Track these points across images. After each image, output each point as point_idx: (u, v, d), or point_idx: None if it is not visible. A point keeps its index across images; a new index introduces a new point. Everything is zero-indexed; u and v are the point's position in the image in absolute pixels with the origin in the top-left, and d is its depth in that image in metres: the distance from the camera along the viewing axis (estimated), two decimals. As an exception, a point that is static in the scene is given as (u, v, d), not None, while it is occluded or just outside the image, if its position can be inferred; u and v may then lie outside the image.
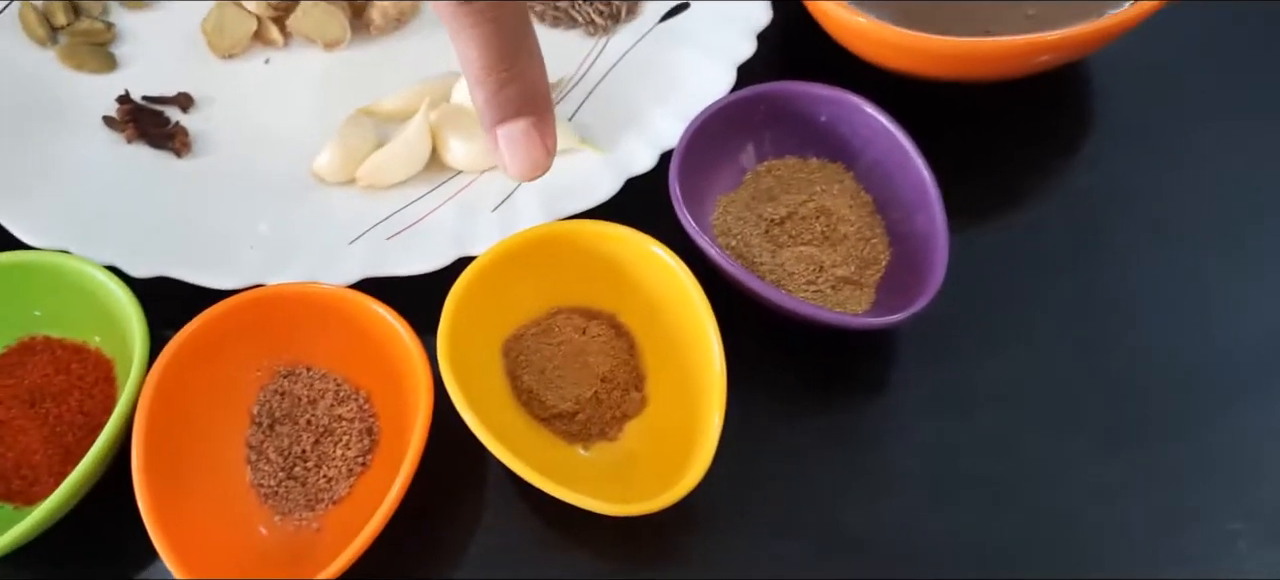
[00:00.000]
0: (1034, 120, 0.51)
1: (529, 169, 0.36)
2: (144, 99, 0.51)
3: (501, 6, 0.34)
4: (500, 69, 0.34)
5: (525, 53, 0.35)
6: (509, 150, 0.35)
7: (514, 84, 0.35)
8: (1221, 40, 0.54)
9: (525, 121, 0.35)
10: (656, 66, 0.51)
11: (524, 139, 0.35)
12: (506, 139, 0.35)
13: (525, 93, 0.35)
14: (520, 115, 0.35)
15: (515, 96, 0.35)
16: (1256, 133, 0.51)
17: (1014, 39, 0.45)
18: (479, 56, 0.34)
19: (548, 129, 0.36)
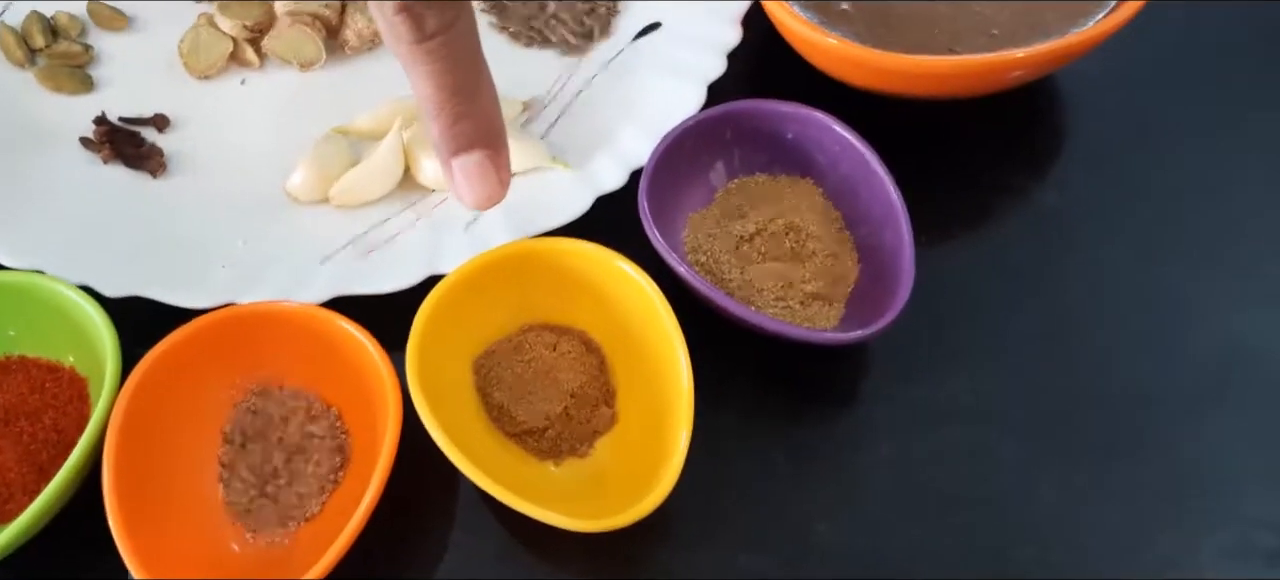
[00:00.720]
0: (1003, 136, 0.52)
1: (484, 199, 0.37)
2: (121, 120, 0.51)
3: (455, 44, 0.34)
4: (454, 104, 0.35)
5: (479, 88, 0.36)
6: (464, 181, 0.36)
7: (468, 118, 0.36)
8: (1189, 57, 0.55)
9: (480, 153, 0.36)
10: (628, 85, 0.51)
11: (478, 170, 0.36)
12: (461, 170, 0.36)
13: (479, 126, 0.36)
14: (474, 147, 0.36)
15: (469, 130, 0.36)
16: (1223, 148, 0.52)
17: (977, 57, 0.46)
18: (434, 92, 0.35)
19: (502, 161, 0.37)
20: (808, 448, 0.45)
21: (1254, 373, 0.45)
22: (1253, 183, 0.51)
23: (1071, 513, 0.42)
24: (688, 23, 0.53)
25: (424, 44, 0.34)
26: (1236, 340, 0.46)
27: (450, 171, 0.37)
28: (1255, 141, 0.52)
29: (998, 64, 0.46)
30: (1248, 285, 0.48)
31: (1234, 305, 0.47)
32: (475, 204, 0.37)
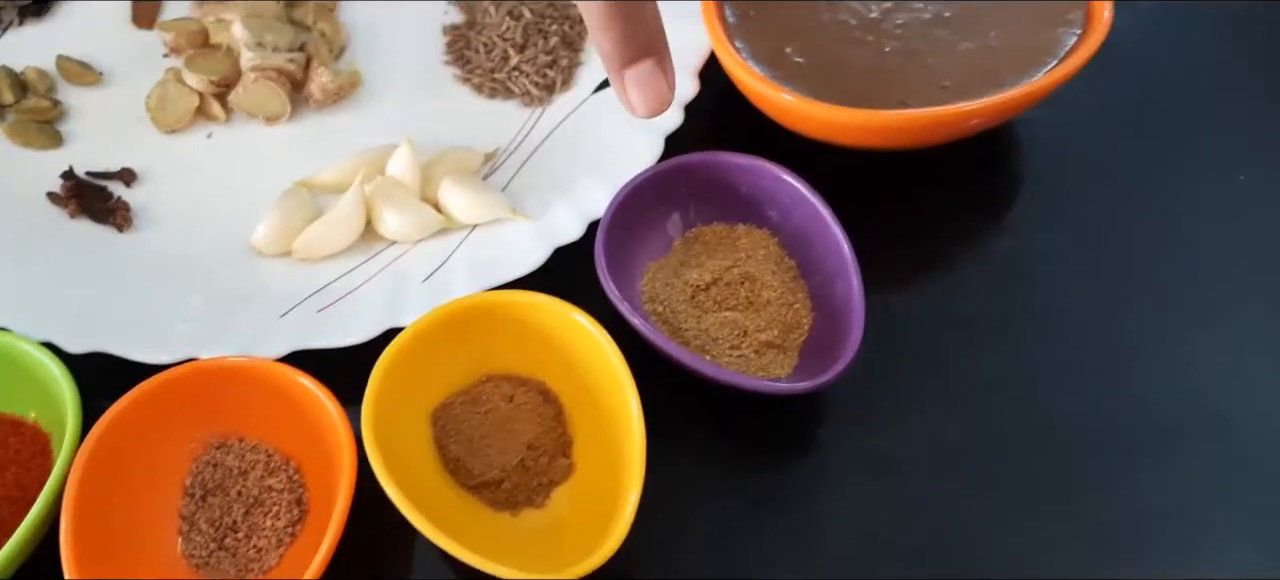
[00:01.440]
0: (958, 183, 0.52)
1: (656, 104, 0.39)
2: (88, 174, 0.52)
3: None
4: (622, 16, 0.37)
5: (644, 3, 0.38)
6: (636, 89, 0.39)
7: (637, 27, 0.38)
8: (1143, 103, 0.55)
9: (649, 61, 0.38)
10: (588, 137, 0.52)
11: (650, 78, 0.39)
12: (634, 79, 0.38)
13: (647, 36, 0.38)
14: (645, 55, 0.38)
15: (640, 39, 0.38)
16: (1178, 194, 0.52)
17: (927, 111, 0.47)
18: (603, 7, 0.37)
19: (668, 66, 0.39)
20: (764, 495, 0.45)
21: (1211, 418, 0.46)
22: (1208, 227, 0.51)
23: (1028, 558, 0.43)
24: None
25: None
26: (1193, 386, 0.47)
27: (622, 83, 0.39)
28: (1210, 187, 0.53)
29: (948, 117, 0.47)
30: (1203, 331, 0.48)
31: (1190, 351, 0.48)
32: (647, 111, 0.39)
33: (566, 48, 0.55)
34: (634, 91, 0.39)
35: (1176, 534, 0.43)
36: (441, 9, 0.58)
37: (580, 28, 0.56)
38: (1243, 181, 0.53)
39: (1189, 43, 0.57)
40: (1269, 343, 0.48)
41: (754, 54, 0.50)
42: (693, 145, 0.51)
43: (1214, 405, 0.46)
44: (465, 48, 0.56)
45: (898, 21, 0.50)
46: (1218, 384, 0.47)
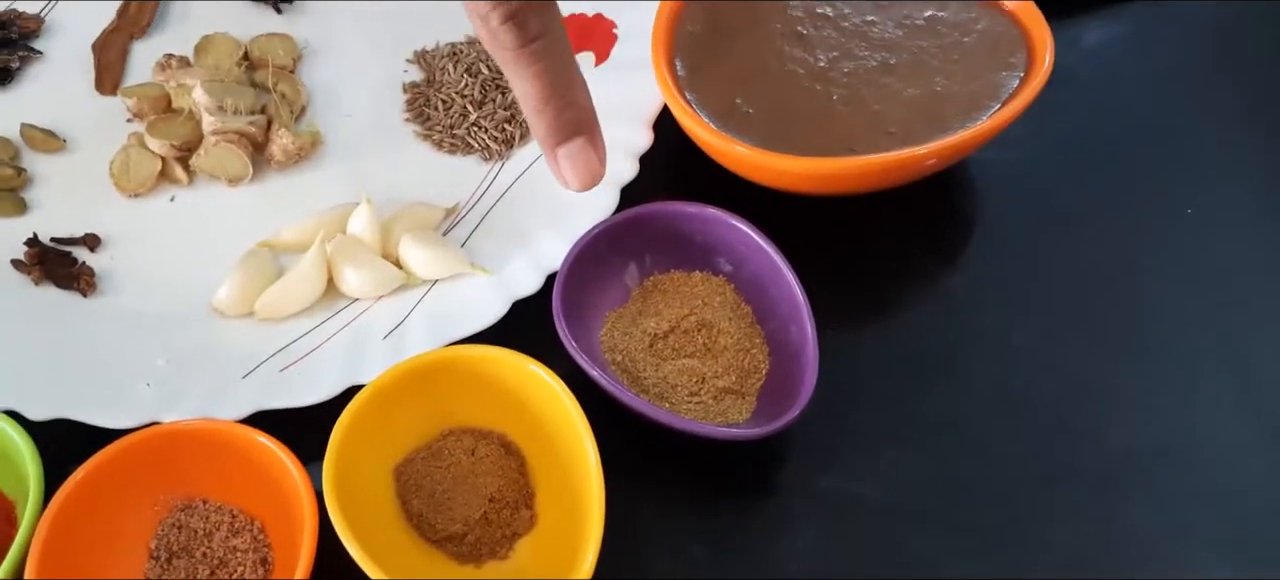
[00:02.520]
0: (909, 224, 0.53)
1: (588, 180, 0.42)
2: (52, 240, 0.53)
3: (555, 44, 0.39)
4: (555, 99, 0.40)
5: (574, 84, 0.41)
6: (569, 167, 0.42)
7: (570, 109, 0.41)
8: (1088, 139, 0.57)
9: (580, 139, 0.41)
10: (546, 190, 0.53)
11: (582, 155, 0.42)
12: (567, 157, 0.41)
13: (579, 117, 0.41)
14: (576, 135, 0.41)
15: (571, 121, 0.41)
16: (1126, 229, 0.54)
17: (875, 157, 0.48)
18: (538, 90, 0.40)
19: (598, 144, 0.42)
20: (725, 539, 0.46)
21: (1166, 451, 0.47)
22: (1157, 261, 0.52)
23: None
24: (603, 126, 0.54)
25: (528, 48, 0.39)
26: (1147, 420, 0.48)
27: (556, 161, 0.42)
28: (1158, 221, 0.54)
29: (895, 162, 0.48)
30: (1155, 364, 0.49)
31: (1144, 387, 0.49)
32: (581, 186, 0.42)
33: (525, 102, 0.57)
34: (567, 168, 0.42)
35: (1138, 566, 0.44)
36: (401, 67, 0.59)
37: (538, 82, 0.57)
38: (1190, 215, 0.54)
39: (1133, 81, 0.59)
40: (1220, 373, 0.49)
41: (705, 105, 0.51)
42: (648, 195, 0.52)
43: (1168, 438, 0.47)
44: (425, 105, 0.57)
45: (844, 69, 0.52)
46: (1171, 417, 0.48)
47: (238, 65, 0.57)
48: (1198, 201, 0.55)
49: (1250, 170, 0.56)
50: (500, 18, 0.38)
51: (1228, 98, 0.58)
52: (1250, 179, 0.55)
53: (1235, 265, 0.53)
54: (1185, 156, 0.56)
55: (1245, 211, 0.54)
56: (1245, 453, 0.47)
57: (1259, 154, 0.56)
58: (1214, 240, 0.53)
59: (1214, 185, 0.55)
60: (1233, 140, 0.57)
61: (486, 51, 0.57)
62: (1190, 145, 0.57)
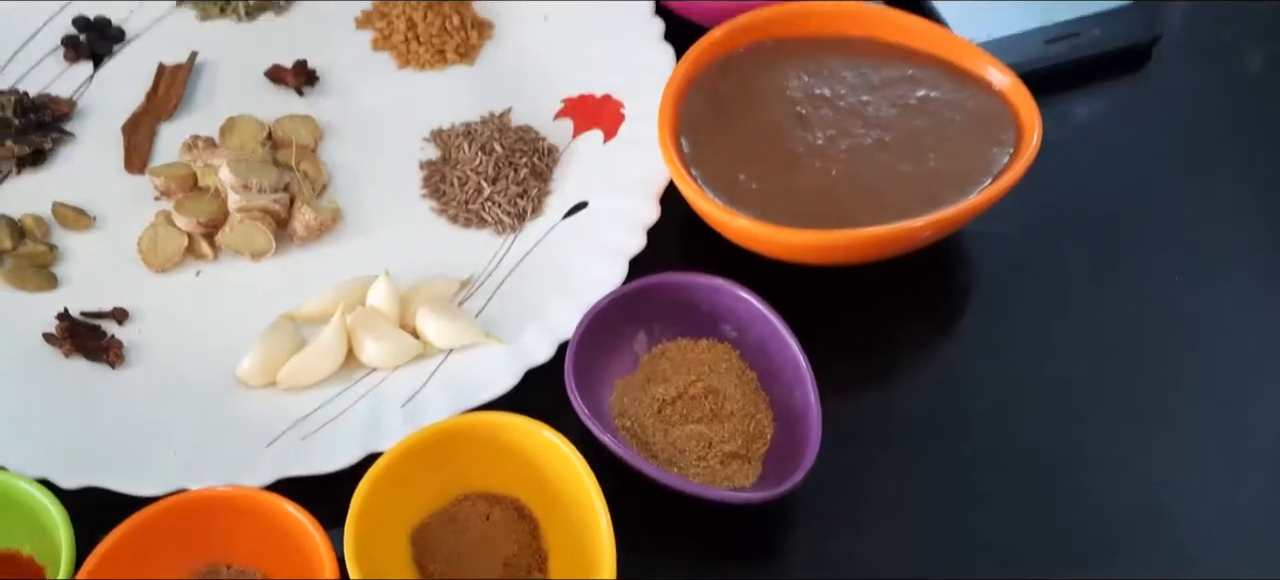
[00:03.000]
0: (906, 295, 0.55)
1: None
2: (82, 314, 0.55)
3: None
4: None
5: None
6: None
7: None
8: (1078, 209, 0.59)
9: None
10: (557, 261, 0.55)
11: None
12: None
13: None
14: None
15: None
16: (1117, 297, 0.56)
17: (872, 230, 0.50)
18: None
19: None
20: (732, 600, 0.47)
21: (1164, 518, 0.49)
22: (1147, 329, 0.54)
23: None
24: (611, 201, 0.57)
25: None
26: (1144, 488, 0.49)
27: None
28: (1147, 288, 0.56)
29: (891, 235, 0.50)
30: (1152, 432, 0.51)
31: (1139, 453, 0.50)
32: None
33: (536, 178, 0.59)
34: None
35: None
36: (418, 146, 0.61)
37: (549, 159, 0.60)
38: (1178, 283, 0.56)
39: (1120, 153, 0.61)
40: (1215, 440, 0.51)
41: (709, 181, 0.53)
42: (656, 267, 0.54)
43: (1167, 505, 0.49)
44: (441, 182, 0.59)
45: (842, 147, 0.54)
46: (1169, 484, 0.50)
47: (262, 145, 0.60)
48: (1185, 268, 0.57)
49: (1235, 236, 0.58)
50: None
51: (1212, 167, 0.61)
52: (1235, 245, 0.58)
53: (1225, 329, 0.54)
54: (1173, 225, 0.58)
55: (1233, 277, 0.56)
56: (1242, 516, 0.48)
57: (1243, 220, 0.59)
58: (1200, 308, 0.55)
59: (1201, 252, 0.57)
60: (1218, 208, 0.59)
61: (498, 130, 0.61)
62: (1177, 214, 0.59)
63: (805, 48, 0.58)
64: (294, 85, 0.63)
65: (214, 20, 0.67)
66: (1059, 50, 0.62)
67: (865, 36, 0.58)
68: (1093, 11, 0.64)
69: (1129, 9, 0.64)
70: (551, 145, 0.61)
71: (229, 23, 0.67)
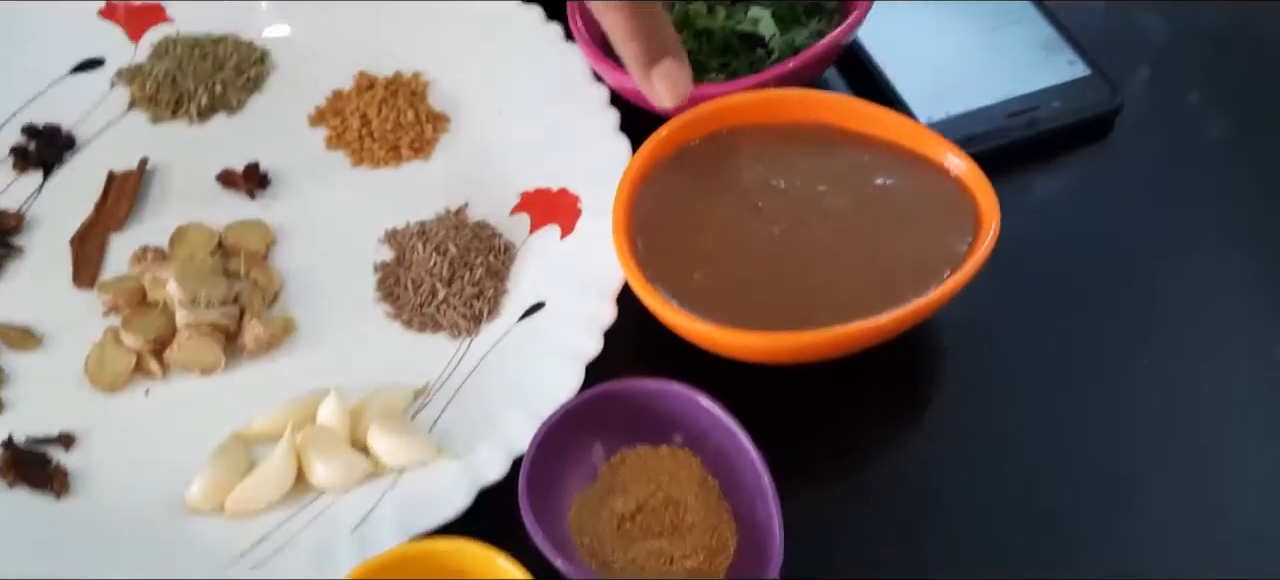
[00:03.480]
0: (871, 388, 0.54)
1: (680, 94, 0.50)
2: (28, 440, 0.53)
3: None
4: (644, 25, 0.49)
5: (657, 10, 0.48)
6: (663, 84, 0.50)
7: (656, 33, 0.49)
8: (1043, 291, 0.58)
9: (670, 59, 0.49)
10: (513, 368, 0.54)
11: (672, 72, 0.50)
12: (660, 76, 0.50)
13: (666, 39, 0.49)
14: (664, 55, 0.49)
15: (660, 42, 0.49)
16: (1085, 383, 0.54)
17: (831, 330, 0.49)
18: (626, 20, 0.49)
19: (685, 62, 0.50)
20: None
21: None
22: (1116, 413, 0.53)
23: None
24: (568, 300, 0.55)
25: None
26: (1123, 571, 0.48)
27: (650, 81, 0.50)
28: (1115, 371, 0.55)
29: (852, 335, 0.49)
30: (1128, 517, 0.50)
31: (1116, 539, 0.49)
32: (675, 101, 0.50)
33: (492, 278, 0.58)
34: (661, 85, 0.49)
35: None
36: (373, 248, 0.60)
37: (505, 257, 0.59)
38: (1146, 366, 0.55)
39: (1084, 228, 0.60)
40: (1193, 520, 0.50)
41: (665, 281, 0.52)
42: (614, 369, 0.53)
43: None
44: (395, 284, 0.58)
45: (799, 241, 0.53)
46: (1146, 561, 0.48)
47: (212, 255, 0.59)
48: (1155, 341, 0.55)
49: (1207, 308, 0.57)
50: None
51: (1180, 239, 0.60)
52: (1207, 317, 0.57)
53: (1199, 405, 0.53)
54: (1141, 299, 0.57)
55: (1205, 350, 0.55)
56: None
57: (1214, 292, 0.58)
58: (1170, 387, 0.54)
59: (1171, 325, 0.56)
60: (1187, 279, 0.58)
61: (454, 228, 0.60)
62: (1145, 287, 0.58)
63: (761, 136, 0.57)
64: (246, 189, 0.62)
65: (166, 122, 0.66)
66: (1019, 125, 0.61)
67: (821, 122, 0.57)
68: (1052, 84, 0.63)
69: (1088, 79, 0.63)
70: (508, 242, 0.60)
71: (181, 125, 0.66)
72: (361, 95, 0.66)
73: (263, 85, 0.68)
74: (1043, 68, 0.64)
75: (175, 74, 0.67)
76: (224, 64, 0.67)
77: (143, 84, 0.67)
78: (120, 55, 0.69)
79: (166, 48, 0.68)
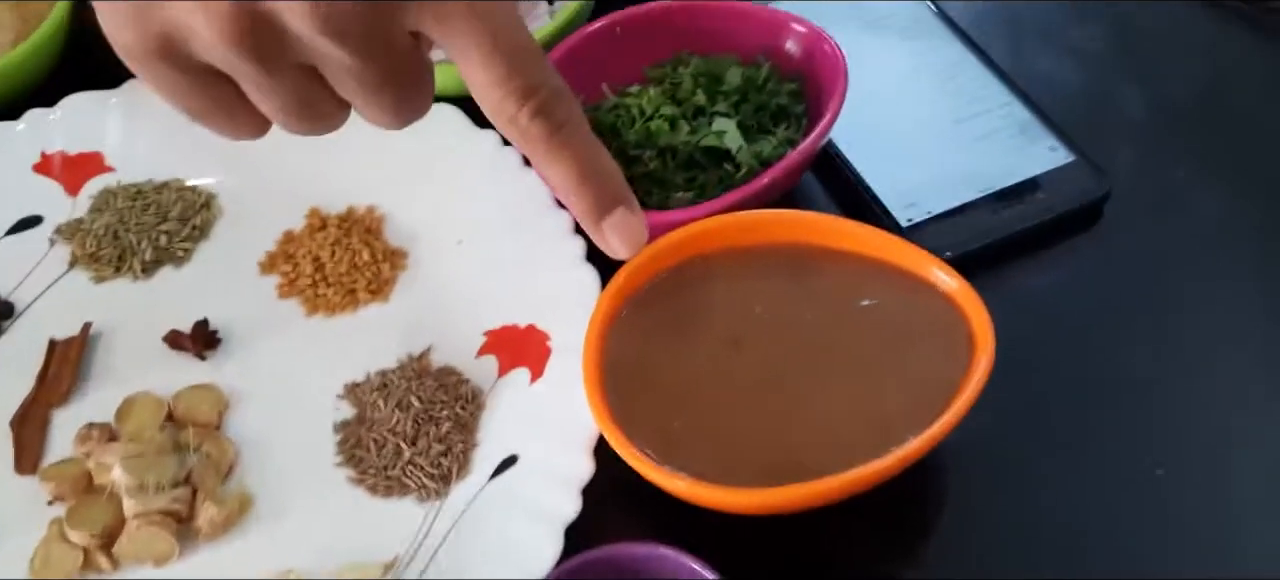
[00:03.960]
0: (869, 522, 0.50)
1: (636, 245, 0.46)
2: (-31, 653, 0.50)
3: (580, 127, 0.44)
4: (591, 176, 0.44)
5: (603, 157, 0.45)
6: (615, 235, 0.46)
7: (605, 184, 0.45)
8: (1046, 403, 0.54)
9: (621, 208, 0.46)
10: (487, 534, 0.50)
11: (625, 222, 0.46)
12: (612, 228, 0.46)
13: (615, 188, 0.45)
14: (616, 205, 0.45)
15: (609, 193, 0.45)
16: (1095, 500, 0.51)
17: (824, 481, 0.45)
18: (572, 172, 0.44)
19: (637, 208, 0.46)
20: None
21: None
22: (1132, 535, 0.50)
23: None
24: (542, 454, 0.52)
25: (558, 134, 0.43)
26: None
27: (602, 234, 0.46)
28: (1128, 485, 0.51)
29: (848, 484, 0.46)
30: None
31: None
32: (629, 252, 0.46)
33: (460, 431, 0.54)
34: (614, 237, 0.46)
35: None
36: (332, 405, 0.57)
37: (473, 407, 0.55)
38: (1161, 476, 0.52)
39: (1082, 328, 0.57)
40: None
41: (643, 433, 0.48)
42: (594, 530, 0.49)
43: None
44: (356, 445, 0.55)
45: (783, 380, 0.50)
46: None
47: (161, 429, 0.55)
48: (1167, 461, 0.52)
49: (1215, 396, 0.54)
50: (529, 114, 0.42)
51: (1184, 328, 0.57)
52: (1220, 417, 0.53)
53: (1217, 514, 0.50)
54: (1146, 401, 0.54)
55: (1218, 450, 0.52)
56: None
57: (1224, 385, 0.55)
58: (1184, 502, 0.51)
59: (1178, 444, 0.53)
60: (1195, 374, 0.55)
61: (416, 377, 0.56)
62: (1148, 382, 0.55)
63: (736, 260, 0.54)
64: (194, 351, 0.59)
65: (109, 280, 0.63)
66: (1007, 220, 0.58)
67: (798, 241, 0.54)
68: (1036, 173, 0.60)
69: (1074, 165, 0.61)
70: (475, 389, 0.56)
71: (125, 282, 0.63)
72: (314, 236, 0.63)
73: (209, 232, 0.64)
74: (1024, 156, 0.61)
75: (117, 228, 0.63)
76: (168, 213, 0.64)
77: (83, 241, 0.63)
78: (58, 211, 0.65)
79: (107, 200, 0.65)
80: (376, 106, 0.44)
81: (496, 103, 0.42)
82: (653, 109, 0.61)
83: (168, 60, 0.41)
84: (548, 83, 0.43)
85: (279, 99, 0.43)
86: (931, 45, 0.68)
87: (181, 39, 0.40)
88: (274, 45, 0.40)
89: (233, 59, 0.40)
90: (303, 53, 0.41)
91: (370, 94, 0.43)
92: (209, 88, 0.42)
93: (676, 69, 0.63)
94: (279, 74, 0.41)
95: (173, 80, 0.42)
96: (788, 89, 0.62)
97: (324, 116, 0.45)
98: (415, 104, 0.45)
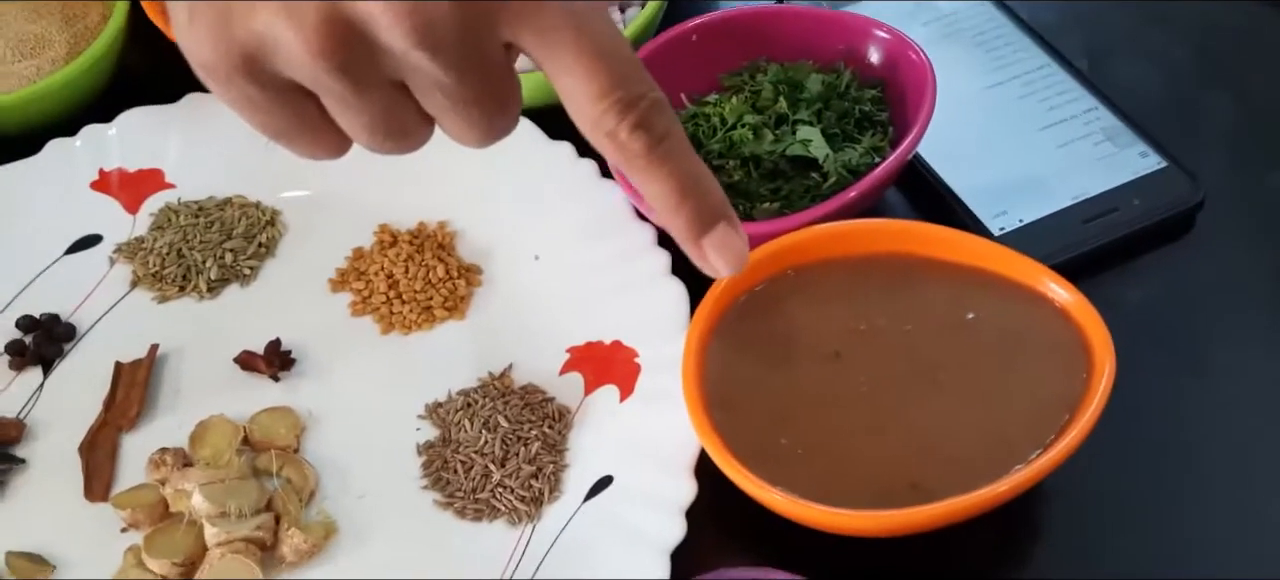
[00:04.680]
0: (982, 546, 0.49)
1: (737, 262, 0.42)
2: (48, 690, 0.48)
3: (679, 139, 0.41)
4: (692, 193, 0.41)
5: (704, 173, 0.42)
6: (716, 254, 0.42)
7: (705, 199, 0.42)
8: (1147, 412, 0.52)
9: (722, 225, 0.42)
10: (586, 558, 0.48)
11: (724, 240, 0.42)
12: (712, 246, 0.42)
13: (715, 204, 0.42)
14: (716, 221, 0.42)
15: (709, 209, 0.42)
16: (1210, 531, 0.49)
17: (943, 504, 0.44)
18: (672, 188, 0.41)
19: (737, 224, 0.43)
20: None
21: None
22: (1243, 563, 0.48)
23: None
24: (639, 475, 0.50)
25: (657, 150, 0.40)
26: None
27: (702, 252, 0.42)
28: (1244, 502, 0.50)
29: (970, 506, 0.44)
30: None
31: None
32: (731, 270, 0.42)
33: (549, 452, 0.52)
34: (715, 256, 0.42)
35: None
36: (413, 425, 0.55)
37: (561, 427, 0.54)
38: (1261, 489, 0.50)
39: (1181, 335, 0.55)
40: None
41: (746, 451, 0.47)
42: (700, 554, 0.47)
43: None
44: (443, 468, 0.53)
45: (888, 395, 0.48)
46: None
47: (237, 453, 0.53)
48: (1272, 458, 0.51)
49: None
50: (630, 127, 0.39)
51: None
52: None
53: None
54: (1253, 425, 0.52)
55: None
56: None
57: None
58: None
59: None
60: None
61: (500, 397, 0.54)
62: (1253, 395, 0.53)
63: (832, 272, 0.52)
64: (268, 372, 0.57)
65: (173, 300, 0.61)
66: (1098, 230, 0.57)
67: (896, 252, 0.53)
68: (1127, 180, 0.59)
69: (1166, 172, 0.59)
70: (562, 407, 0.54)
71: (190, 301, 0.61)
72: (385, 252, 0.61)
73: (276, 249, 0.62)
74: (1114, 163, 0.60)
75: (180, 246, 0.61)
76: (232, 231, 0.62)
77: (145, 260, 0.61)
78: (118, 230, 0.63)
79: (168, 217, 0.63)
80: (465, 123, 0.41)
81: (597, 116, 0.39)
82: (734, 118, 0.59)
83: (250, 76, 0.38)
84: (649, 94, 0.40)
85: (365, 117, 0.40)
86: (1008, 49, 0.66)
87: (265, 54, 0.38)
88: (364, 59, 0.38)
89: (319, 74, 0.38)
90: (393, 67, 0.39)
91: (460, 110, 0.40)
92: (291, 105, 0.40)
93: (754, 77, 0.62)
94: (367, 90, 0.39)
95: (254, 98, 0.39)
96: (870, 95, 0.60)
97: (409, 134, 0.42)
98: (504, 121, 0.42)
